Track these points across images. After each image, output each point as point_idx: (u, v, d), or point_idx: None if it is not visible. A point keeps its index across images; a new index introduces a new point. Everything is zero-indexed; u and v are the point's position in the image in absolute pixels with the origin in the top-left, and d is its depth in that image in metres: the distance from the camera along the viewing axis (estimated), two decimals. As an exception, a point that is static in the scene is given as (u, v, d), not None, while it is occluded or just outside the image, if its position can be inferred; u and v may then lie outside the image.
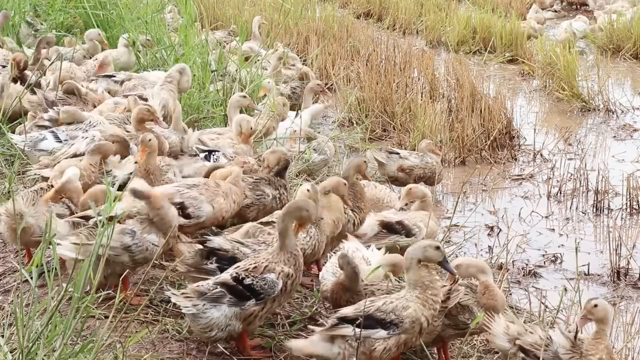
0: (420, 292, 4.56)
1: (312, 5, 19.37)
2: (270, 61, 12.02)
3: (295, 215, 4.84)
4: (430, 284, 4.58)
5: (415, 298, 4.56)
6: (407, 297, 4.58)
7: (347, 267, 5.03)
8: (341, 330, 4.47)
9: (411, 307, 4.52)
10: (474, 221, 8.55)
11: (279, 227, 4.81)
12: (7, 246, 6.27)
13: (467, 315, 5.09)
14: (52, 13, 12.47)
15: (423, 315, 4.54)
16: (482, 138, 10.99)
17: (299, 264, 4.82)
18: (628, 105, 13.22)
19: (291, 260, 4.77)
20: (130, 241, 5.10)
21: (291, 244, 4.79)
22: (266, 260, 4.76)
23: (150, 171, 6.11)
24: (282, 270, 4.72)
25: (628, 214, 9.05)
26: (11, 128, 8.02)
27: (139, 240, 5.12)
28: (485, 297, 5.05)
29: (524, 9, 21.27)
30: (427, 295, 4.56)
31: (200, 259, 5.08)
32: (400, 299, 4.58)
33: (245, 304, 4.65)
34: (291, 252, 4.78)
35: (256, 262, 4.75)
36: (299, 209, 4.85)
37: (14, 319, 4.35)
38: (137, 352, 4.70)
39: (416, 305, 4.53)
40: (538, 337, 4.73)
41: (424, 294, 4.56)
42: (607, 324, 4.71)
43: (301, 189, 5.77)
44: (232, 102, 8.35)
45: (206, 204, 5.82)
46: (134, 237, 5.11)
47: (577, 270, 6.56)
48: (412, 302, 4.55)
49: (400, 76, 12.98)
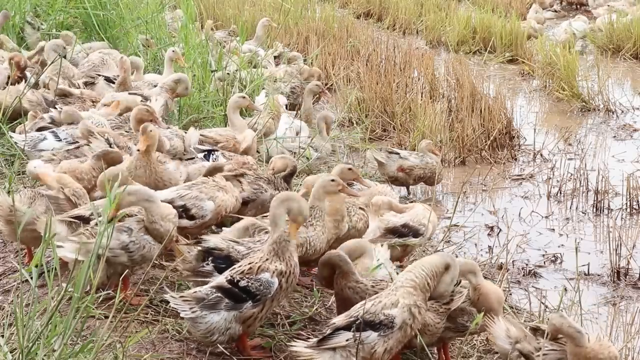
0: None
1: (312, 5, 19.37)
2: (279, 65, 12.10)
3: (286, 206, 4.82)
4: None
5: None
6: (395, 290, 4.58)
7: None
8: (333, 341, 4.44)
9: (400, 303, 4.51)
10: (474, 221, 8.56)
11: (270, 217, 4.82)
12: (7, 246, 6.27)
13: (465, 318, 5.09)
14: (52, 13, 12.47)
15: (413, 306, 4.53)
16: (482, 138, 10.99)
17: (293, 260, 4.78)
18: (628, 105, 13.22)
19: (285, 255, 4.75)
20: (127, 239, 5.09)
21: (282, 236, 4.77)
22: (260, 259, 4.75)
23: (150, 162, 6.16)
24: (275, 268, 4.72)
25: (628, 214, 9.05)
26: (11, 128, 8.02)
27: (135, 238, 5.10)
28: (480, 302, 5.05)
29: (524, 9, 21.28)
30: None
31: (198, 262, 5.08)
32: (388, 295, 4.57)
33: (242, 306, 4.65)
34: (283, 245, 4.76)
35: (250, 262, 4.75)
36: (288, 198, 4.85)
37: (14, 319, 4.35)
38: (137, 352, 4.70)
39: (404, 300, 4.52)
40: (536, 344, 4.73)
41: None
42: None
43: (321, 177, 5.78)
44: (231, 102, 8.36)
45: (207, 201, 5.84)
46: (130, 235, 5.09)
47: (577, 270, 6.56)
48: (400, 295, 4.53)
49: (400, 76, 12.98)
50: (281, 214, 4.81)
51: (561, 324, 4.66)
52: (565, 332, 4.67)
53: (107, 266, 4.99)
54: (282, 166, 6.58)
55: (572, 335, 4.65)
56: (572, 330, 4.65)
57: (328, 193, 5.60)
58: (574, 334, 4.65)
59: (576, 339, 4.64)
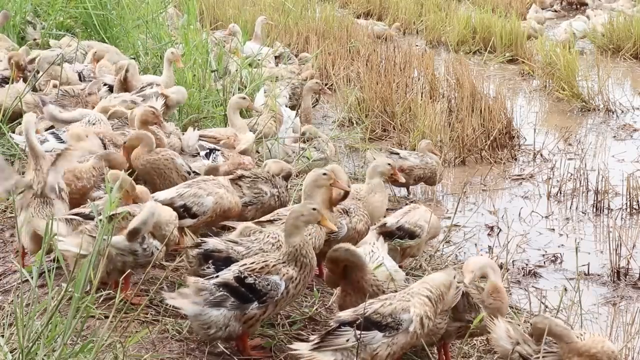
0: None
1: (312, 5, 19.37)
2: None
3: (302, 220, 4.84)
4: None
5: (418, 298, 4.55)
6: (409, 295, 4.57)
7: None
8: (336, 342, 4.43)
9: (412, 311, 4.50)
10: (474, 221, 8.55)
11: (287, 227, 4.81)
12: (7, 246, 6.27)
13: (473, 315, 5.08)
14: (52, 13, 12.48)
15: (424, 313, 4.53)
16: (482, 138, 10.99)
17: (307, 269, 4.77)
18: (628, 105, 13.23)
19: (299, 262, 4.74)
20: (139, 247, 5.12)
21: (301, 242, 4.76)
22: (275, 260, 4.74)
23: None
24: (287, 272, 4.71)
25: (628, 214, 9.05)
26: (11, 128, 8.03)
27: (147, 246, 5.13)
28: (493, 298, 5.04)
29: (524, 9, 21.29)
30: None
31: (198, 265, 5.08)
32: (401, 300, 4.56)
33: (248, 307, 4.64)
34: (298, 252, 4.75)
35: (265, 261, 4.74)
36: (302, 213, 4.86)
37: (14, 319, 4.35)
38: (137, 352, 4.69)
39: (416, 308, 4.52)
40: (535, 347, 4.73)
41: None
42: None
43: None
44: (231, 103, 8.36)
45: (206, 197, 5.88)
46: (142, 243, 5.12)
47: (577, 270, 6.56)
48: (412, 303, 4.53)
49: (400, 76, 12.98)
50: (301, 227, 4.81)
51: (546, 325, 4.63)
52: (553, 332, 4.65)
53: (107, 262, 4.98)
54: (277, 170, 6.59)
55: (561, 334, 4.64)
56: (560, 329, 4.64)
57: (320, 187, 5.62)
58: (562, 332, 4.64)
59: (565, 336, 4.63)
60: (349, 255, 4.98)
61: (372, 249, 5.46)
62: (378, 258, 5.35)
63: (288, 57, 14.00)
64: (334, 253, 4.99)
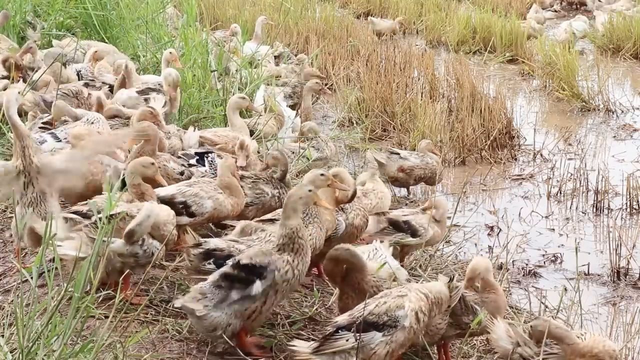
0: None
1: (312, 5, 19.37)
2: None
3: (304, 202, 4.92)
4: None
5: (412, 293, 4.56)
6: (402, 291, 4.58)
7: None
8: (335, 344, 4.42)
9: (406, 306, 4.50)
10: (474, 221, 8.55)
11: (285, 209, 4.83)
12: (7, 246, 6.27)
13: (471, 317, 5.09)
14: (52, 13, 12.47)
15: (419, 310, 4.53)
16: (482, 138, 10.99)
17: (302, 253, 4.77)
18: (628, 105, 13.22)
19: (295, 247, 4.75)
20: (139, 249, 5.12)
21: (297, 227, 4.77)
22: (270, 249, 4.78)
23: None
24: (281, 256, 4.72)
25: (628, 214, 9.05)
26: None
27: (147, 247, 5.14)
28: (487, 292, 5.05)
29: (524, 9, 21.27)
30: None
31: (199, 262, 5.10)
32: (395, 298, 4.56)
33: (252, 289, 4.62)
34: (295, 234, 4.75)
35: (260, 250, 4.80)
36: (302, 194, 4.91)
37: (14, 319, 4.35)
38: (137, 352, 4.69)
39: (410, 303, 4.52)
40: (536, 349, 4.73)
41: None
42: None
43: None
44: (231, 103, 8.36)
45: (207, 200, 5.92)
46: (142, 245, 5.13)
47: (577, 270, 6.57)
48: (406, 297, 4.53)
49: (400, 76, 12.98)
50: (298, 209, 4.84)
51: (546, 327, 4.63)
52: (554, 335, 4.65)
53: (107, 262, 4.99)
54: (273, 161, 6.58)
55: (561, 336, 4.64)
56: (560, 331, 4.64)
57: (318, 187, 5.64)
58: (562, 333, 4.64)
59: (565, 337, 4.63)
60: (349, 256, 4.98)
61: (375, 247, 5.49)
62: (382, 256, 5.37)
63: (288, 57, 14.00)
64: (335, 252, 4.99)
